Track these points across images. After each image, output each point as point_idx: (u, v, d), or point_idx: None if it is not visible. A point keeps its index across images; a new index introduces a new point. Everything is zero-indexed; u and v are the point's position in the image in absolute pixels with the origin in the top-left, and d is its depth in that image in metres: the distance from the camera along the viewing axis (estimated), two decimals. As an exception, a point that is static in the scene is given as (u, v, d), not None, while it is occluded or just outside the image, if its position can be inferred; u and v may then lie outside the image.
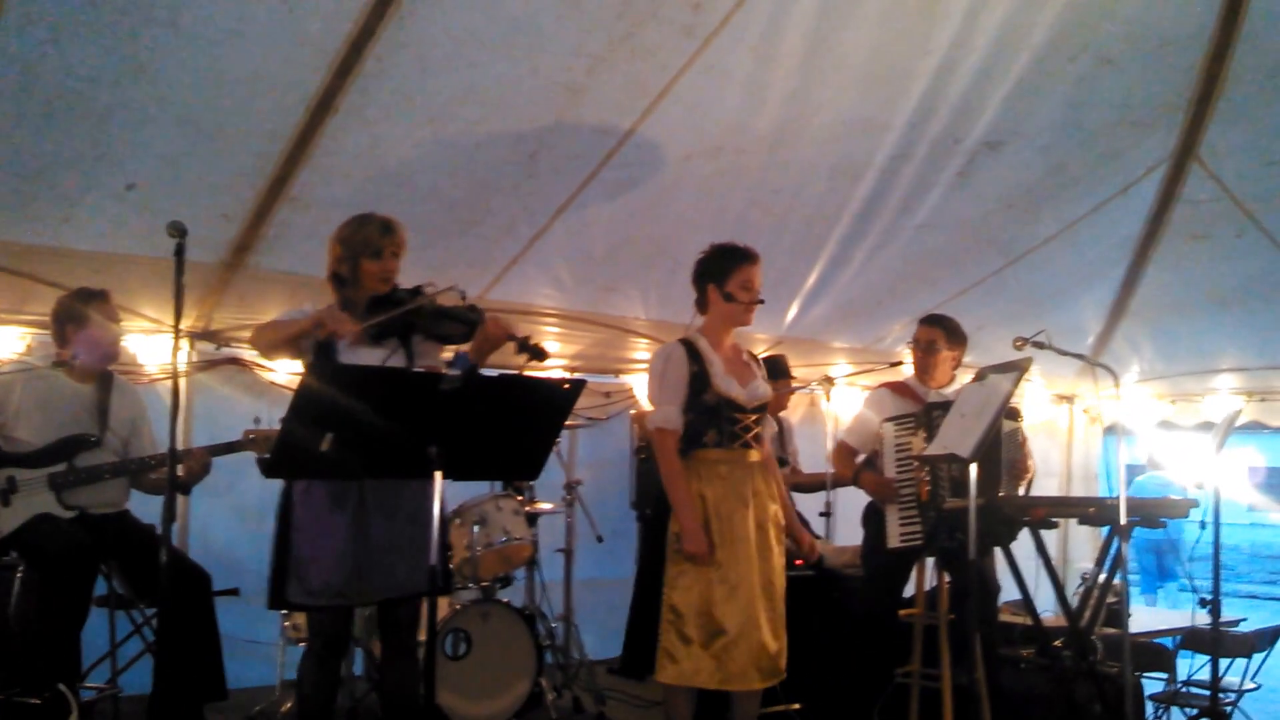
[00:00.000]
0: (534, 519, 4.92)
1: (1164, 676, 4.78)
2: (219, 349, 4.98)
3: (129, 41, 3.35)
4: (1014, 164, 4.91)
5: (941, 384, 4.38)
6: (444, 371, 2.86)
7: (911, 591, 4.38)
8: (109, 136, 3.68)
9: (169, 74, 3.51)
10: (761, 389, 3.63)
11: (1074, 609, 4.23)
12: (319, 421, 2.57)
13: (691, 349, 3.57)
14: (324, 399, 2.56)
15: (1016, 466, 4.14)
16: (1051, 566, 4.10)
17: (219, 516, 4.89)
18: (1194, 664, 4.71)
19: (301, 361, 3.19)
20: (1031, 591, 4.15)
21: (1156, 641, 4.89)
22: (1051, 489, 7.54)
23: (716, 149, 4.51)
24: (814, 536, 4.64)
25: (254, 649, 4.85)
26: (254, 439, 3.75)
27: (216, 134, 3.81)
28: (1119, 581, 4.07)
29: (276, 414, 3.55)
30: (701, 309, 3.68)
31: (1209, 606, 4.29)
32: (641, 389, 6.47)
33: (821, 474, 5.12)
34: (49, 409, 3.80)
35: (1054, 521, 4.06)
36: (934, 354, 4.35)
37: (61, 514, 3.73)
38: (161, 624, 3.76)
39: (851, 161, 4.74)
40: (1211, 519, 4.21)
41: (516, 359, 3.18)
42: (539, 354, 3.12)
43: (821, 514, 5.31)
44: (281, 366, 4.82)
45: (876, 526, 4.25)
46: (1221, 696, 4.38)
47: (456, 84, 3.87)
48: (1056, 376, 7.28)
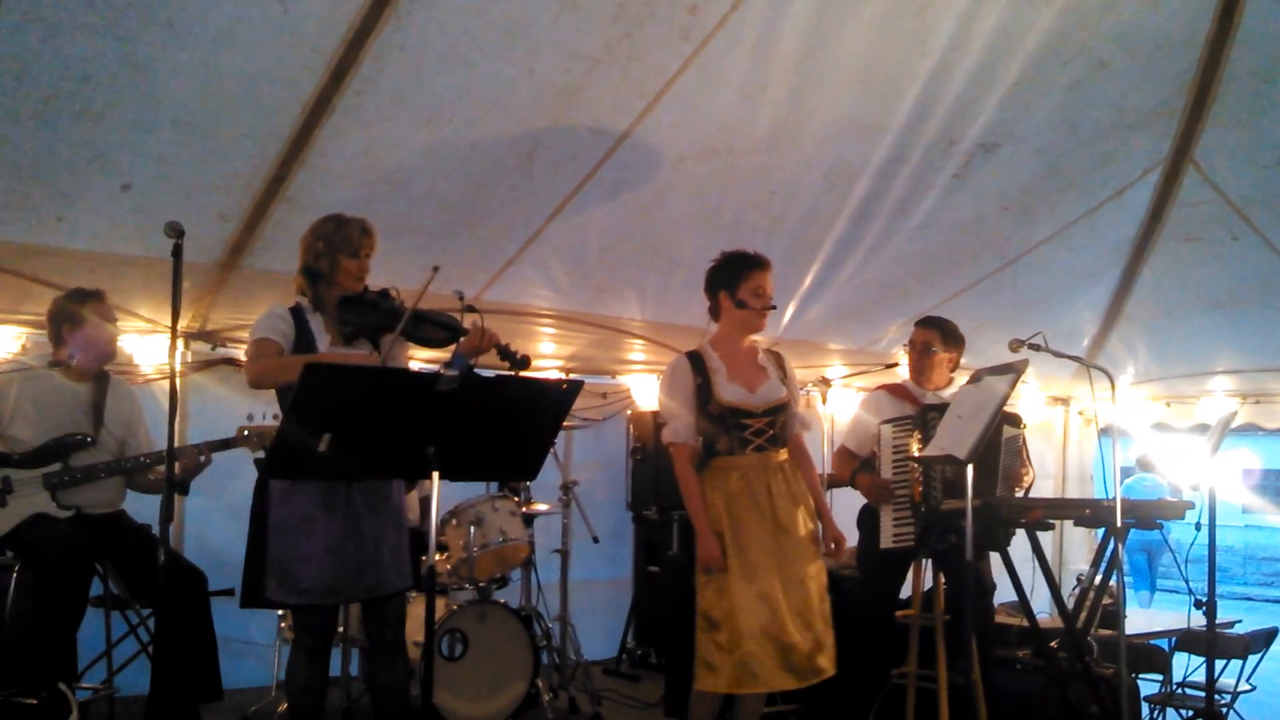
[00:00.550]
0: (530, 520, 4.92)
1: (1159, 678, 4.79)
2: (214, 349, 4.98)
3: (125, 41, 3.34)
4: (1009, 166, 4.91)
5: (938, 386, 4.39)
6: (441, 372, 2.87)
7: (908, 593, 4.38)
8: (105, 136, 3.67)
9: (165, 74, 3.50)
10: (775, 390, 3.63)
11: (1070, 610, 4.24)
12: (318, 422, 2.57)
13: (697, 361, 3.60)
14: (322, 399, 2.57)
15: (1012, 473, 4.12)
16: (1047, 568, 4.11)
17: (214, 517, 4.88)
18: (1189, 665, 4.73)
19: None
20: (1027, 593, 4.16)
21: (1152, 643, 4.91)
22: (1047, 491, 7.56)
23: (713, 151, 4.51)
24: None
25: (250, 649, 4.86)
26: (248, 435, 3.76)
27: (213, 134, 3.80)
28: (1114, 583, 4.08)
29: (270, 412, 3.57)
30: (715, 316, 3.72)
31: (1204, 608, 4.30)
32: (638, 389, 6.48)
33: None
34: (45, 409, 3.80)
35: (1050, 523, 4.07)
36: (930, 356, 4.36)
37: (57, 514, 3.73)
38: (158, 624, 3.76)
39: (847, 163, 4.74)
40: (1207, 521, 4.23)
41: (500, 364, 3.29)
42: (523, 364, 3.27)
43: (818, 515, 5.31)
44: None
45: (872, 528, 4.25)
46: (1217, 698, 4.39)
47: (453, 85, 3.86)
48: (1052, 378, 7.29)
